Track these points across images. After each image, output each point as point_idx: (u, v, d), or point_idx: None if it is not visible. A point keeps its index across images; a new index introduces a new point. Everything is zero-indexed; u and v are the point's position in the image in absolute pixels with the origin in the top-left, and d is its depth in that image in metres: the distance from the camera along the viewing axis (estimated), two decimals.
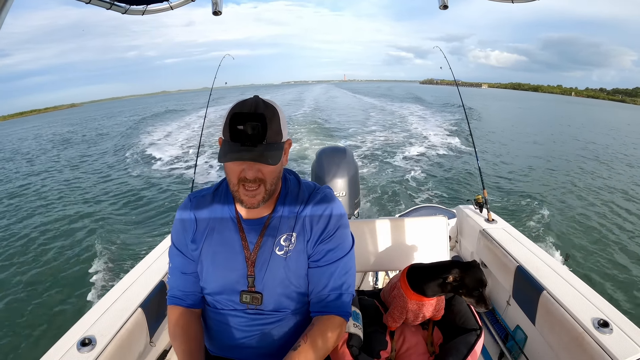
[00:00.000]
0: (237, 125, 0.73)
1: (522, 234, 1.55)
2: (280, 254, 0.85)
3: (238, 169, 0.77)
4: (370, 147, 10.81)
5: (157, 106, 38.08)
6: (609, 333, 0.92)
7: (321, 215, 0.86)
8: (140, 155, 11.28)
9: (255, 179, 0.77)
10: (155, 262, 1.37)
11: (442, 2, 1.21)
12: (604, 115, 32.05)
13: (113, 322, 1.02)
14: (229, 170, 0.79)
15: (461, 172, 8.15)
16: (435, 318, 1.09)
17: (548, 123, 20.85)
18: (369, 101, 28.95)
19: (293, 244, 0.85)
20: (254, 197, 0.78)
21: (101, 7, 1.09)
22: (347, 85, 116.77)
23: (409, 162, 8.94)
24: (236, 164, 0.77)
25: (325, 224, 0.86)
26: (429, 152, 9.81)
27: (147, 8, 1.22)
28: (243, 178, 0.77)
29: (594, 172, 9.10)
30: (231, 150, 0.73)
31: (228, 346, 0.91)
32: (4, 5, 0.47)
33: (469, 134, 2.17)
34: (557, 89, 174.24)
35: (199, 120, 18.20)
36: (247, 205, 0.80)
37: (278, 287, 0.85)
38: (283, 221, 0.86)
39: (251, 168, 0.76)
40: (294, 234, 0.85)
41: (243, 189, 0.78)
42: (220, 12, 1.29)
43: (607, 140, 14.59)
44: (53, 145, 16.58)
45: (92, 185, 8.47)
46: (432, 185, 7.21)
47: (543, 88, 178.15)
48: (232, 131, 0.73)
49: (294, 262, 0.85)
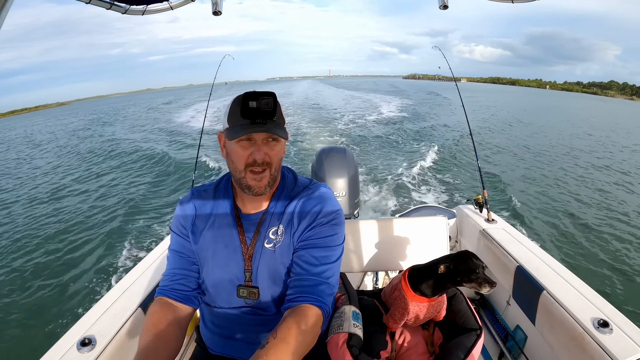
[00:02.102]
0: (250, 101, 0.76)
1: (522, 234, 1.56)
2: (269, 247, 0.86)
3: (246, 153, 0.79)
4: (369, 144, 10.83)
5: (151, 103, 38.94)
6: (609, 333, 0.92)
7: (310, 210, 0.86)
8: (140, 155, 11.28)
9: (262, 161, 0.79)
10: (155, 262, 1.37)
11: (442, 2, 1.21)
12: (566, 104, 39.90)
13: (113, 322, 1.02)
14: (236, 155, 0.80)
15: (461, 172, 8.15)
16: (437, 319, 1.09)
17: (500, 111, 22.96)
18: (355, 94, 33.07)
19: (281, 237, 0.86)
20: (260, 180, 0.81)
21: (101, 7, 1.09)
22: (332, 80, 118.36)
23: (409, 162, 8.93)
24: (244, 147, 0.79)
25: (313, 219, 0.85)
26: (429, 152, 9.80)
27: (147, 8, 1.22)
28: (251, 162, 0.79)
29: (593, 172, 9.11)
30: (243, 127, 0.77)
31: (228, 344, 0.91)
32: (4, 5, 0.47)
33: (469, 134, 2.15)
34: (534, 82, 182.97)
35: (195, 118, 18.59)
36: (254, 190, 0.81)
37: (270, 280, 0.86)
38: (275, 216, 0.87)
39: (260, 150, 0.79)
40: (281, 227, 0.86)
41: (250, 173, 0.80)
42: (220, 12, 1.29)
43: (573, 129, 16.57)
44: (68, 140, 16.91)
45: (92, 186, 8.46)
46: (432, 185, 7.21)
47: (520, 82, 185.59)
48: (244, 109, 0.76)
49: (280, 255, 0.85)
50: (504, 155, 10.64)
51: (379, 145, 10.96)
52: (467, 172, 8.10)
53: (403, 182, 7.15)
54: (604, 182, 8.09)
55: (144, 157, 10.93)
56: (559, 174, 8.66)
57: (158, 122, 20.27)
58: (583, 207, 6.40)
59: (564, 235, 5.08)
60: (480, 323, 1.05)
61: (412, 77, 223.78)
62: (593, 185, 7.80)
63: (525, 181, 7.94)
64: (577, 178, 8.42)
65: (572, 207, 6.30)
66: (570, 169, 9.27)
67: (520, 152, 11.08)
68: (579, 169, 9.38)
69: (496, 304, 1.57)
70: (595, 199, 6.87)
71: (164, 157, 10.36)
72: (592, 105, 42.83)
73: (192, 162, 3.70)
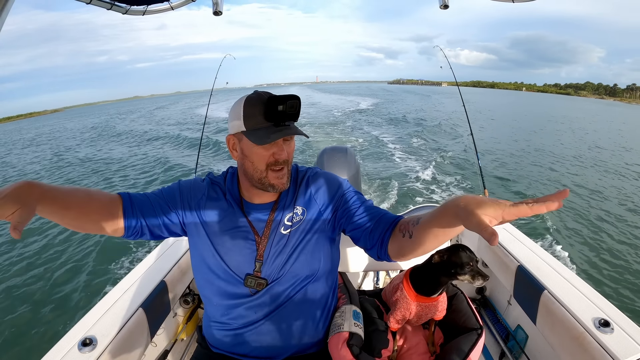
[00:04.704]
0: (279, 105, 0.76)
1: (523, 233, 1.55)
2: (285, 232, 0.87)
3: (268, 153, 0.81)
4: (369, 145, 10.84)
5: (150, 109, 40.16)
6: (610, 333, 0.92)
7: (323, 184, 0.92)
8: (141, 155, 11.29)
9: (284, 160, 0.82)
10: (156, 261, 1.37)
11: (443, 1, 1.20)
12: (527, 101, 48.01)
13: (114, 322, 1.02)
14: (257, 156, 0.81)
15: (462, 171, 8.14)
16: (437, 318, 1.09)
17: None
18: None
19: (302, 216, 0.89)
20: (282, 177, 0.83)
21: (102, 8, 1.09)
22: (320, 86, 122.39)
23: (410, 162, 8.93)
24: (266, 148, 0.80)
25: (337, 187, 0.92)
26: (430, 152, 9.79)
27: (148, 8, 1.22)
28: (272, 162, 0.81)
29: (595, 171, 9.09)
30: (271, 132, 0.78)
31: (232, 338, 0.91)
32: (4, 5, 0.47)
33: (469, 134, 2.15)
34: (512, 85, 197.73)
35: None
36: (278, 187, 0.83)
37: (279, 270, 0.87)
38: (288, 203, 0.90)
39: (282, 150, 0.81)
40: (300, 208, 0.89)
41: (272, 172, 0.82)
42: (220, 12, 1.29)
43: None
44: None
45: (92, 186, 8.47)
46: (433, 184, 7.20)
47: (499, 85, 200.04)
48: (269, 112, 0.77)
49: (299, 234, 0.88)
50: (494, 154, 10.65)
51: (379, 145, 10.96)
52: (467, 171, 8.10)
53: (404, 182, 7.15)
54: (603, 183, 8.08)
55: (144, 159, 10.96)
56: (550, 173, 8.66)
57: (158, 125, 20.47)
58: (583, 207, 6.39)
59: (565, 235, 5.08)
60: (481, 322, 1.05)
61: (397, 82, 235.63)
62: (592, 185, 7.80)
63: (524, 180, 7.93)
64: (575, 176, 8.42)
65: (573, 207, 6.29)
66: (576, 173, 9.26)
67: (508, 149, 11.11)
68: (572, 165, 9.38)
69: (497, 303, 1.56)
70: (595, 199, 6.86)
71: (164, 160, 10.40)
72: (553, 103, 50.00)
73: (192, 164, 3.70)
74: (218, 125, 15.63)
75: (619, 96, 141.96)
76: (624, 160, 10.59)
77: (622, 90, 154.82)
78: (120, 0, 1.11)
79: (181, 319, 1.49)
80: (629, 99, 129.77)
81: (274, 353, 0.90)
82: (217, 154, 10.62)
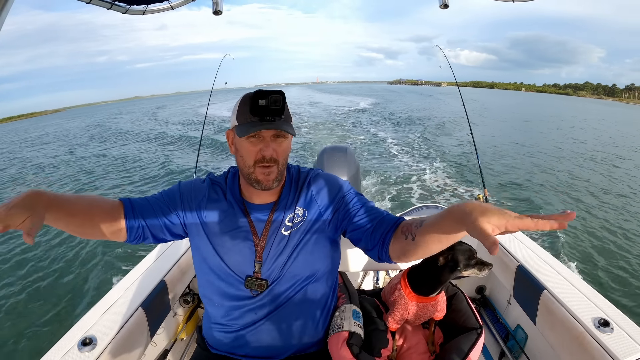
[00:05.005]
0: (260, 99, 0.77)
1: (522, 233, 1.55)
2: (286, 233, 0.88)
3: (255, 149, 0.81)
4: (370, 145, 10.84)
5: (143, 110, 40.48)
6: (610, 332, 0.92)
7: (324, 186, 0.92)
8: (140, 158, 11.29)
9: (271, 157, 0.81)
10: (155, 261, 1.37)
11: (443, 1, 1.20)
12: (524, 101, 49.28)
13: (114, 322, 1.02)
14: (245, 151, 0.82)
15: (462, 171, 8.14)
16: (437, 318, 1.09)
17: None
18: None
19: (303, 217, 0.89)
20: (269, 175, 0.82)
21: (102, 7, 1.08)
22: (320, 87, 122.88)
23: (410, 161, 8.93)
24: (253, 143, 0.80)
25: (338, 189, 0.92)
26: (430, 152, 9.80)
27: (148, 8, 1.22)
28: (260, 158, 0.81)
29: (594, 171, 9.10)
30: (253, 125, 0.78)
31: (232, 339, 0.90)
32: (4, 5, 0.47)
33: (469, 133, 2.15)
34: (511, 85, 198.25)
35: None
36: (263, 184, 0.83)
37: (279, 271, 0.87)
38: (289, 204, 0.90)
39: (268, 147, 0.81)
40: (301, 209, 0.89)
41: (260, 168, 0.82)
42: (220, 12, 1.29)
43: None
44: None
45: (92, 186, 8.47)
46: (433, 184, 7.20)
47: (498, 85, 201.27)
48: (253, 107, 0.78)
49: (303, 232, 0.88)
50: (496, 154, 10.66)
51: (379, 146, 10.96)
52: (467, 171, 8.10)
53: (404, 182, 7.15)
54: (603, 183, 8.08)
55: (144, 160, 10.96)
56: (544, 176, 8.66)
57: (157, 127, 20.52)
58: (582, 206, 6.40)
59: (565, 235, 5.08)
60: (481, 322, 1.05)
61: (397, 82, 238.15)
62: (592, 185, 7.80)
63: (525, 178, 7.93)
64: (575, 176, 8.42)
65: (573, 206, 6.29)
66: (576, 172, 9.26)
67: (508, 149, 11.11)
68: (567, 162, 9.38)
69: (497, 303, 1.57)
70: (595, 199, 6.86)
71: (164, 161, 10.40)
72: (551, 103, 50.94)
73: (192, 165, 3.70)
74: (218, 125, 15.65)
75: (618, 96, 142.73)
76: (620, 159, 10.60)
77: (620, 90, 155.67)
78: (120, 0, 1.11)
79: (181, 319, 1.49)
80: (627, 99, 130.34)
81: (273, 353, 0.90)
82: (217, 154, 10.63)
